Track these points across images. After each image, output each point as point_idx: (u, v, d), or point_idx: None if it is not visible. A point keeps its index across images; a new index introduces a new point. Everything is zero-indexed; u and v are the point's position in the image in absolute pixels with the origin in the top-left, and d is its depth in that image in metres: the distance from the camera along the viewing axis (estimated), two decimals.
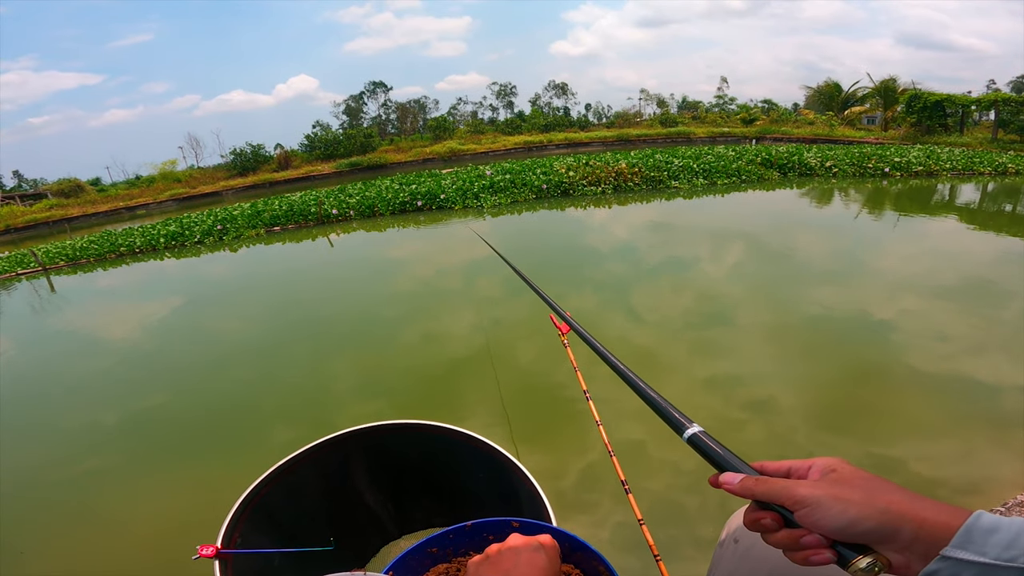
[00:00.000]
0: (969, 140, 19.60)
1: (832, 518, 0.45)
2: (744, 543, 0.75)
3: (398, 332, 5.11)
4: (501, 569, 0.61)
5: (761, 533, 0.51)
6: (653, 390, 0.66)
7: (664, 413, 0.62)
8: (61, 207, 25.01)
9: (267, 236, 11.31)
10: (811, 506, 0.46)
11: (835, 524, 0.44)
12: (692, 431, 0.57)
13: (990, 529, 0.39)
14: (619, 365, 0.75)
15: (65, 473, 3.34)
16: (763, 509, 0.51)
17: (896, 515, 0.43)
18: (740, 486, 0.51)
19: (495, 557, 0.64)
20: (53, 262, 10.78)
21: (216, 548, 1.19)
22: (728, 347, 4.14)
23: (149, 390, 4.43)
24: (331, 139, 32.91)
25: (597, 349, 0.85)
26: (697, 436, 0.57)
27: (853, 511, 0.44)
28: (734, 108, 39.38)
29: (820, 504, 0.45)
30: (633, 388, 0.69)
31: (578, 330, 0.97)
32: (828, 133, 25.58)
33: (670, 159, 14.27)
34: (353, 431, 1.57)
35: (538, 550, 0.65)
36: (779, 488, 0.49)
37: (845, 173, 13.52)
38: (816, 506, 0.45)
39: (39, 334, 6.72)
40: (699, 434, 0.57)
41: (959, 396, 3.26)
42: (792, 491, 0.47)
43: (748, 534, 0.76)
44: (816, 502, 0.46)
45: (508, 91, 43.77)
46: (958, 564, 0.39)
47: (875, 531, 0.43)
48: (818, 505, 0.45)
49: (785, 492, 0.48)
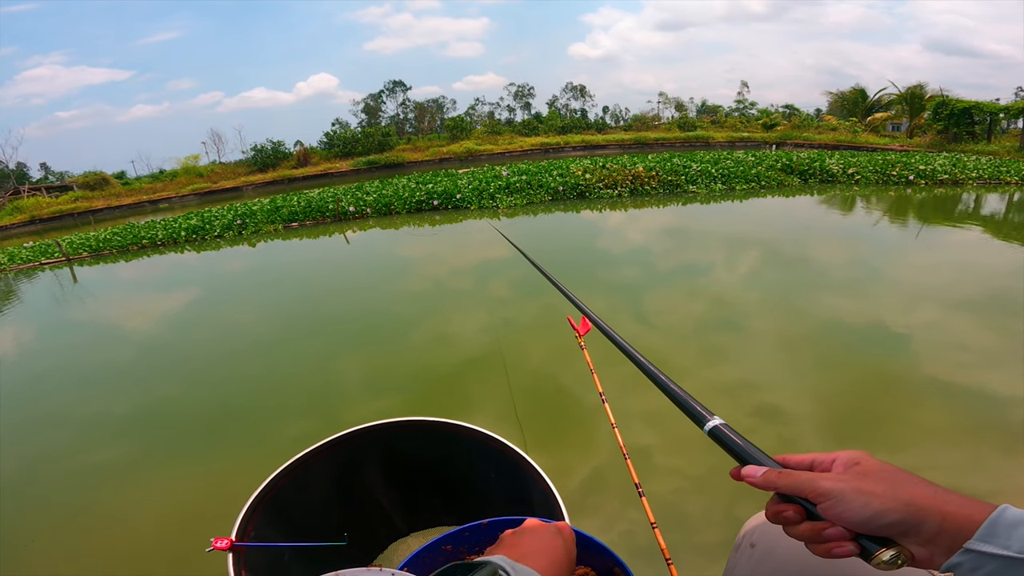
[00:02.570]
0: (996, 148, 19.15)
1: (856, 511, 0.44)
2: (761, 548, 0.74)
3: (410, 330, 5.14)
4: (519, 551, 0.59)
5: (783, 525, 0.51)
6: (674, 383, 0.67)
7: (685, 406, 0.63)
8: (86, 199, 25.58)
9: (285, 232, 11.45)
10: (835, 499, 0.46)
11: (859, 517, 0.44)
12: (713, 423, 0.57)
13: (1015, 523, 0.38)
14: (639, 358, 0.77)
15: (77, 463, 3.40)
16: (786, 502, 0.51)
17: (920, 508, 0.43)
18: (763, 479, 0.52)
19: (511, 539, 0.63)
20: (76, 253, 11.04)
21: (231, 541, 1.20)
22: (740, 353, 4.10)
23: (163, 382, 4.51)
24: (350, 137, 33.24)
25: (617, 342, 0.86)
26: (718, 428, 0.57)
27: (877, 504, 0.44)
28: (754, 113, 39.01)
29: (844, 497, 0.45)
30: (654, 381, 0.70)
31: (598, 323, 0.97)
32: (851, 139, 25.18)
33: (688, 163, 14.15)
34: (367, 427, 1.58)
35: (556, 535, 0.63)
36: (803, 481, 0.49)
37: (868, 180, 13.28)
38: (840, 499, 0.45)
39: (59, 324, 6.87)
40: (720, 427, 0.57)
41: (972, 407, 3.19)
42: (816, 484, 0.48)
43: (765, 539, 0.75)
44: (840, 495, 0.46)
45: (525, 92, 43.85)
46: (981, 557, 0.39)
47: (899, 524, 0.43)
48: (842, 498, 0.45)
49: (809, 485, 0.48)
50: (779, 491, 0.51)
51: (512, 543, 0.62)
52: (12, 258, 11.25)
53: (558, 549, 0.62)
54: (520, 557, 0.58)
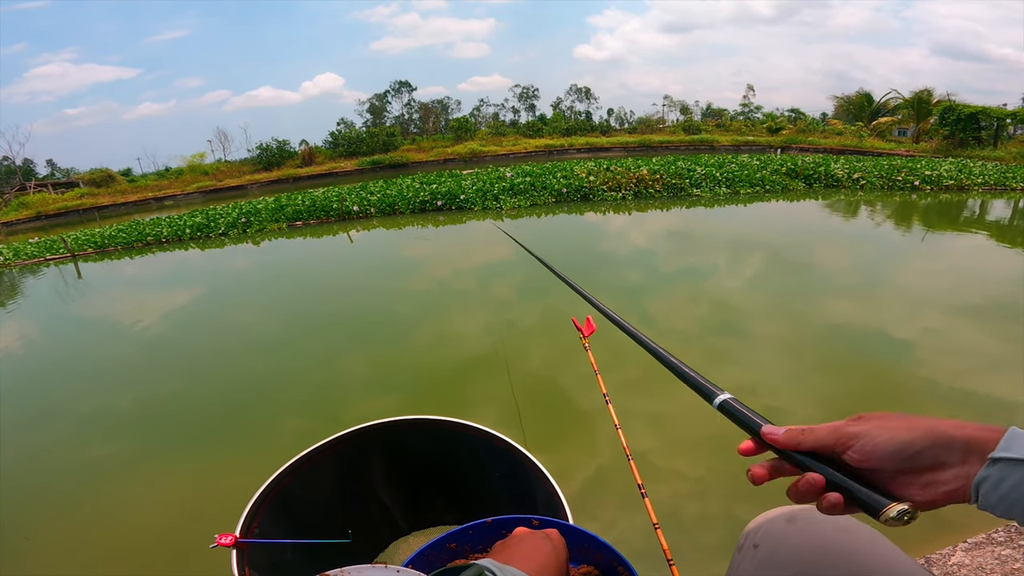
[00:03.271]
0: (1003, 154, 19.05)
1: (884, 445, 0.46)
2: (764, 549, 0.75)
3: (412, 330, 5.15)
4: (505, 555, 0.62)
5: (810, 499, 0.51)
6: (682, 363, 0.68)
7: (694, 383, 0.65)
8: (92, 196, 25.71)
9: (289, 230, 11.49)
10: (862, 439, 0.48)
11: (888, 450, 0.46)
12: (723, 398, 0.59)
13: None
14: (647, 341, 0.79)
15: (79, 457, 3.42)
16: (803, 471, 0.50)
17: (943, 434, 0.45)
18: (786, 436, 0.52)
19: (500, 547, 0.66)
20: (82, 249, 11.09)
21: (235, 537, 1.20)
22: (742, 357, 4.10)
23: (165, 378, 4.54)
24: (354, 137, 33.32)
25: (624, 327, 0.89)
26: (727, 403, 0.58)
27: (902, 435, 0.46)
28: (760, 116, 38.94)
29: (870, 435, 0.47)
30: (662, 361, 0.72)
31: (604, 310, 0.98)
32: (857, 144, 25.11)
33: (692, 167, 14.14)
34: (372, 425, 1.59)
35: (544, 539, 0.65)
36: (828, 430, 0.50)
37: (873, 186, 13.24)
38: (867, 437, 0.47)
39: (63, 319, 6.92)
40: (729, 400, 0.58)
41: (975, 413, 3.18)
42: (841, 429, 0.49)
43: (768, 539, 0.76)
44: (866, 433, 0.48)
45: (530, 94, 43.87)
46: (1007, 466, 0.42)
47: (928, 450, 0.45)
48: (868, 436, 0.47)
49: (834, 433, 0.49)
50: (802, 448, 0.51)
51: (500, 549, 0.65)
52: (17, 254, 11.32)
53: (546, 553, 0.63)
54: (507, 560, 0.60)
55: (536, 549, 0.63)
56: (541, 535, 0.66)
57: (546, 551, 0.63)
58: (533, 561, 0.61)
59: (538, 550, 0.63)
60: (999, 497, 0.43)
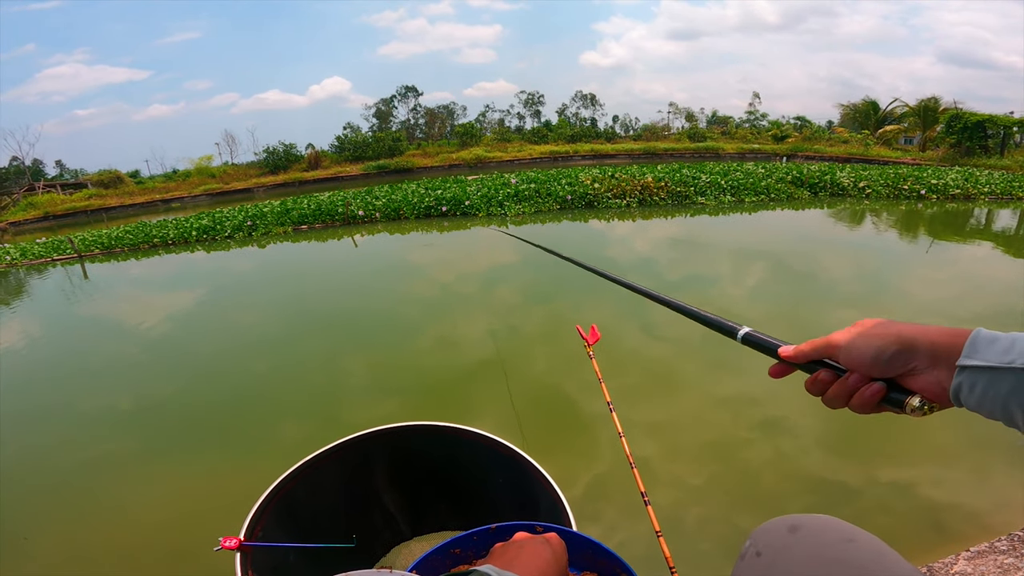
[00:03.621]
0: (1009, 163, 19.00)
1: (863, 352, 0.53)
2: (767, 557, 0.75)
3: (415, 334, 5.16)
4: (504, 560, 0.62)
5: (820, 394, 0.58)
6: (699, 309, 0.74)
7: (715, 324, 0.71)
8: (100, 197, 25.90)
9: (294, 234, 11.55)
10: (846, 347, 0.54)
11: (867, 356, 0.52)
12: (744, 331, 0.66)
13: (990, 340, 0.46)
14: (663, 296, 0.83)
15: (80, 456, 3.44)
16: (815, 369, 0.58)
17: (909, 338, 0.51)
18: (795, 351, 0.60)
19: (499, 551, 0.66)
20: (88, 250, 11.17)
21: (239, 540, 1.21)
22: (743, 367, 4.08)
23: (168, 377, 4.56)
24: (360, 141, 33.49)
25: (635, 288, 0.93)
26: (749, 335, 0.65)
27: (876, 342, 0.52)
28: (765, 124, 38.90)
29: (852, 344, 0.54)
30: (680, 311, 0.78)
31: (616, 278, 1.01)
32: (863, 152, 25.08)
33: (697, 174, 14.14)
34: (377, 431, 1.59)
35: (543, 544, 0.66)
36: (821, 343, 0.58)
37: (879, 194, 13.21)
38: (850, 346, 0.54)
39: (69, 319, 6.95)
40: (751, 332, 0.65)
41: (977, 422, 3.15)
42: (830, 340, 0.56)
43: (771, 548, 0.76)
44: (849, 343, 0.54)
45: (536, 100, 44.02)
46: (973, 373, 0.45)
47: (898, 355, 0.51)
48: (851, 345, 0.54)
49: (824, 343, 0.57)
50: (807, 358, 0.59)
51: (499, 553, 0.65)
52: (24, 253, 11.40)
53: (546, 559, 0.63)
54: (507, 565, 0.60)
55: (536, 554, 0.63)
56: (541, 540, 0.66)
57: (546, 556, 0.63)
58: (533, 567, 0.61)
59: (538, 555, 0.63)
60: (976, 403, 0.46)
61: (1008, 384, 0.44)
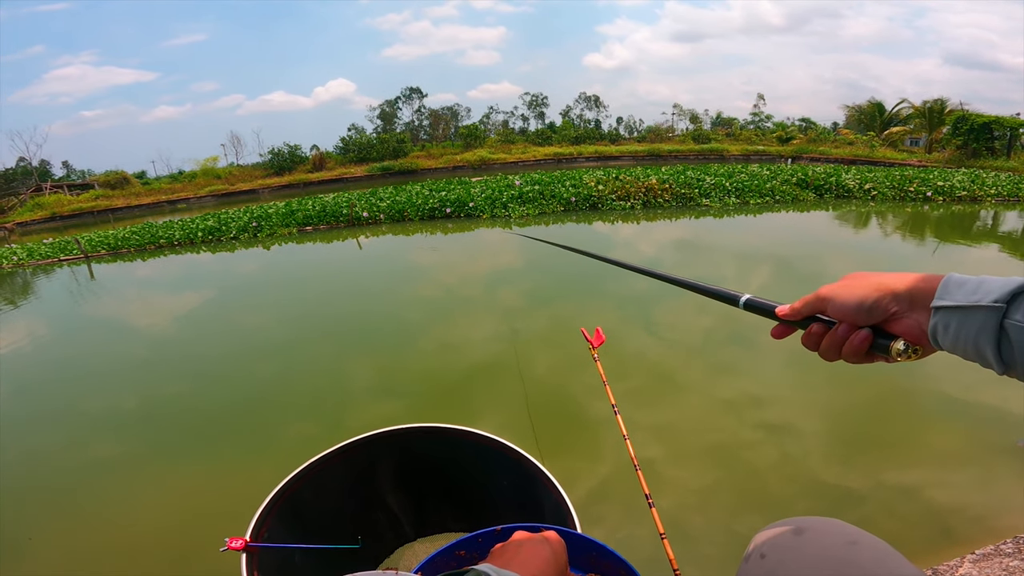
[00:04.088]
0: (1016, 164, 18.89)
1: (846, 302, 0.56)
2: (771, 559, 0.75)
3: (419, 336, 5.17)
4: (503, 559, 0.62)
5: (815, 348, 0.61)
6: (698, 282, 0.76)
7: (716, 294, 0.73)
8: (106, 198, 26.10)
9: (299, 235, 11.59)
10: (832, 299, 0.58)
11: (851, 306, 0.55)
12: (745, 298, 0.69)
13: (960, 282, 0.48)
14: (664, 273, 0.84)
15: (84, 457, 3.46)
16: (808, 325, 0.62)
17: (888, 288, 0.53)
18: (790, 308, 0.63)
19: (499, 551, 0.66)
20: (95, 250, 11.25)
21: (245, 541, 1.21)
22: (747, 369, 4.08)
23: (173, 378, 4.59)
24: (365, 143, 33.59)
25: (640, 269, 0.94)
26: (750, 300, 0.69)
27: (858, 292, 0.55)
28: (770, 126, 38.83)
29: (837, 295, 0.57)
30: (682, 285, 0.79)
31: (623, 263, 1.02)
32: (868, 154, 24.97)
33: (702, 176, 14.11)
34: (383, 432, 1.59)
35: (542, 543, 0.66)
36: (812, 297, 0.61)
37: (885, 196, 13.15)
38: (835, 297, 0.57)
39: (75, 319, 7.00)
40: (752, 298, 0.69)
41: (983, 426, 3.14)
42: (818, 294, 0.60)
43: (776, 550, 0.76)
44: (834, 294, 0.57)
45: (540, 102, 44.05)
46: (946, 314, 0.48)
47: (878, 303, 0.54)
48: (836, 296, 0.57)
49: (814, 298, 0.60)
50: (800, 315, 0.62)
51: (499, 553, 0.65)
52: (32, 254, 11.49)
53: (544, 558, 0.63)
54: (506, 564, 0.60)
55: (534, 553, 0.63)
56: (540, 538, 0.66)
57: (544, 556, 0.64)
58: (532, 566, 0.61)
59: (537, 555, 0.63)
60: (951, 343, 0.49)
61: (977, 322, 0.46)
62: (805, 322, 0.62)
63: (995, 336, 0.45)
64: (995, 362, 0.46)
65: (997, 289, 0.45)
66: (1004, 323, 0.44)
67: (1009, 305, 0.44)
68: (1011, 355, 0.45)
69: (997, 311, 0.45)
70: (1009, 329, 0.44)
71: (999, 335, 0.45)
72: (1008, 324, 0.44)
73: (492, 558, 0.64)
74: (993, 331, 0.45)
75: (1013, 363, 0.45)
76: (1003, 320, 0.45)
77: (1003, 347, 0.45)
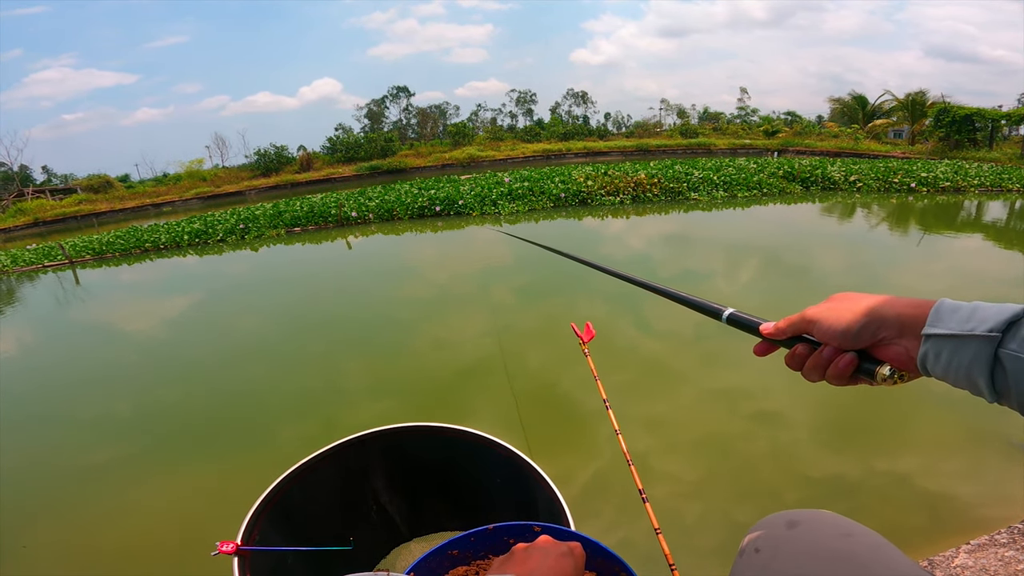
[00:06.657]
0: (998, 155, 19.16)
1: (833, 326, 0.54)
2: (766, 553, 0.75)
3: (410, 335, 5.15)
4: (527, 567, 0.61)
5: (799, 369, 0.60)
6: (682, 292, 0.76)
7: (700, 306, 0.73)
8: (90, 202, 25.70)
9: (287, 236, 11.49)
10: (818, 321, 0.56)
11: (837, 330, 0.54)
12: (728, 312, 0.68)
13: (953, 309, 0.47)
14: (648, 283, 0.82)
15: (77, 463, 3.41)
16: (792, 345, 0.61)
17: (878, 313, 0.52)
18: (774, 328, 0.62)
19: (522, 555, 0.64)
20: (79, 255, 11.08)
21: (236, 545, 1.20)
22: (737, 360, 4.10)
23: (163, 383, 4.53)
24: (352, 142, 33.35)
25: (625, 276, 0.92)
26: (733, 315, 0.68)
27: (847, 316, 0.53)
28: (756, 120, 39.05)
29: (824, 318, 0.56)
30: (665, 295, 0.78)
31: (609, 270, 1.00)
32: (853, 147, 25.20)
33: (690, 170, 14.18)
34: (374, 432, 1.58)
35: (567, 555, 0.64)
36: (797, 318, 0.60)
37: (869, 188, 13.29)
38: (821, 320, 0.56)
39: (61, 325, 6.90)
40: (735, 313, 0.68)
41: (972, 415, 3.18)
42: (804, 315, 0.59)
43: (769, 544, 0.76)
44: (821, 317, 0.56)
45: (528, 98, 44.03)
46: (938, 342, 0.47)
47: (867, 327, 0.52)
48: (822, 319, 0.56)
49: (799, 319, 0.59)
50: (785, 335, 0.61)
51: (522, 559, 0.63)
52: (15, 260, 11.30)
53: (567, 570, 0.62)
54: (528, 574, 0.59)
55: (559, 565, 0.62)
56: (565, 549, 0.65)
57: (567, 568, 0.62)
58: None
59: (560, 566, 0.62)
60: (942, 371, 0.47)
61: (970, 351, 0.45)
62: (789, 342, 0.61)
63: (989, 366, 0.44)
64: (987, 391, 0.45)
65: (992, 317, 0.44)
66: (999, 352, 0.43)
67: (1004, 334, 0.43)
68: (1004, 384, 0.44)
69: (992, 340, 0.44)
70: (1004, 358, 0.43)
71: (993, 365, 0.44)
72: (1003, 353, 0.43)
73: (514, 563, 0.62)
74: (987, 361, 0.44)
75: (1006, 392, 0.44)
76: (997, 349, 0.43)
77: (996, 376, 0.44)
